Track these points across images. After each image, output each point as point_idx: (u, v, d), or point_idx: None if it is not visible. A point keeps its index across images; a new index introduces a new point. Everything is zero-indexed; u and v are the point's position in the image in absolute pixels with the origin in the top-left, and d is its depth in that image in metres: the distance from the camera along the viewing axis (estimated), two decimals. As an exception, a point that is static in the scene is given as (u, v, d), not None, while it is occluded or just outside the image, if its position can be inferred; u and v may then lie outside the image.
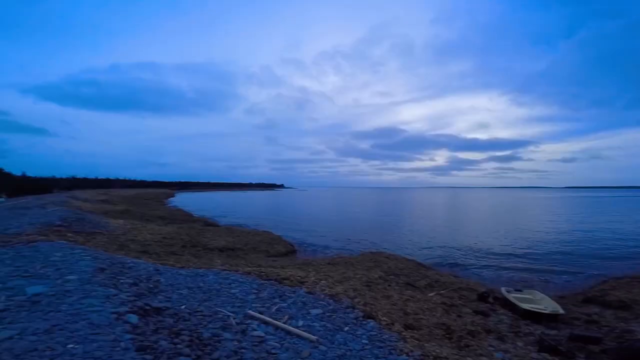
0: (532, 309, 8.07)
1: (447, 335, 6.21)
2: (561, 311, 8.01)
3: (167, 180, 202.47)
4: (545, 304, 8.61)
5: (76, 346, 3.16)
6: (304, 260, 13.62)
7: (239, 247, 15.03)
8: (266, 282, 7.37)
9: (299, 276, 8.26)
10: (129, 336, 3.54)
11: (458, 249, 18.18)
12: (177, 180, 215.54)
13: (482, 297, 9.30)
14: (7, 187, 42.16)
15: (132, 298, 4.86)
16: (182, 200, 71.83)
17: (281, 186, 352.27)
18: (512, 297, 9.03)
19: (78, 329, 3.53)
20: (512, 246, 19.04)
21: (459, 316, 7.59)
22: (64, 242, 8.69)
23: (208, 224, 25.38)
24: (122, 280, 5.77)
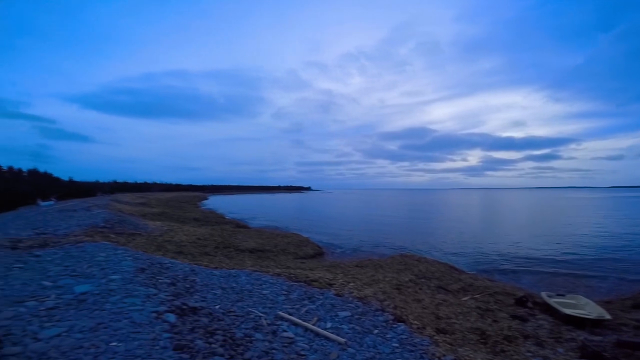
0: (575, 314, 7.62)
1: (482, 340, 6.02)
2: (607, 316, 7.50)
3: (200, 184, 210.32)
4: (589, 309, 8.11)
5: (118, 344, 3.37)
6: (332, 262, 13.64)
7: (268, 248, 15.31)
8: (295, 283, 7.48)
9: (327, 278, 8.31)
10: (167, 335, 3.73)
11: (494, 253, 17.42)
12: (210, 183, 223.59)
13: (520, 302, 8.90)
14: (56, 191, 45.46)
15: (170, 297, 5.10)
16: (214, 202, 74.02)
17: (308, 188, 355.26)
18: (554, 301, 8.57)
19: (120, 327, 3.76)
20: (553, 250, 17.99)
21: (495, 321, 7.32)
22: (108, 242, 9.25)
23: (239, 225, 26.04)
24: (160, 280, 6.07)
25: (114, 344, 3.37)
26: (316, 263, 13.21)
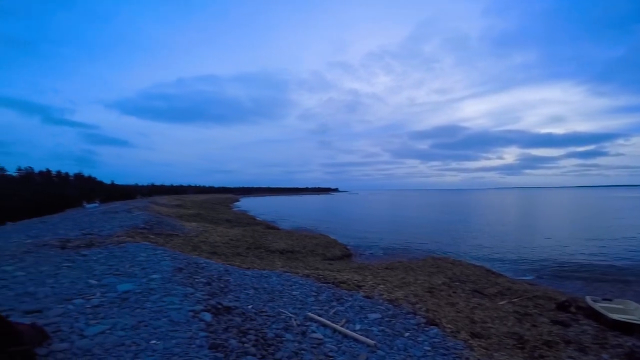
0: (623, 320, 7.12)
1: (519, 345, 5.78)
2: None
3: (231, 186, 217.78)
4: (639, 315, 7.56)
5: (157, 342, 3.54)
6: (360, 264, 13.57)
7: (297, 249, 15.49)
8: (324, 285, 7.54)
9: (355, 280, 8.29)
10: (203, 334, 3.88)
11: (534, 256, 16.54)
12: (241, 186, 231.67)
13: (563, 306, 8.44)
14: (100, 194, 48.47)
15: (206, 297, 5.31)
16: (246, 204, 75.83)
17: (335, 190, 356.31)
18: (599, 306, 8.05)
19: (160, 325, 3.95)
20: (600, 253, 16.82)
21: (534, 326, 7.00)
22: (148, 243, 9.76)
23: (269, 227, 26.53)
24: (197, 280, 6.33)
25: (153, 342, 3.53)
26: (344, 265, 13.20)
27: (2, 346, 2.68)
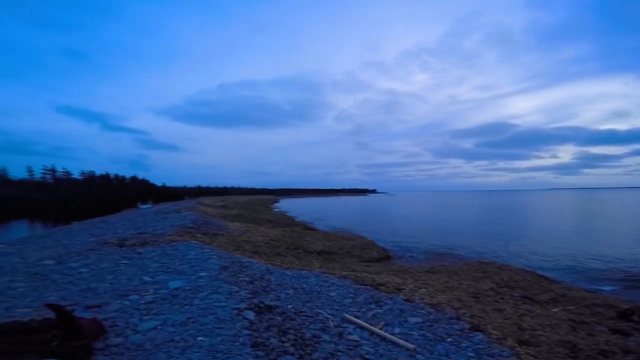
0: None
1: (572, 354, 5.39)
2: None
3: (272, 188, 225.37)
4: None
5: (204, 339, 3.73)
6: (400, 267, 13.25)
7: (334, 251, 15.50)
8: (362, 287, 7.50)
9: (395, 283, 8.17)
10: (246, 332, 4.03)
11: (594, 261, 15.20)
12: (280, 187, 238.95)
13: (625, 315, 7.76)
14: (152, 195, 52.00)
15: (249, 295, 5.52)
16: (285, 205, 77.13)
17: (373, 191, 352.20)
18: None
19: (207, 322, 4.18)
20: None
21: (590, 334, 6.49)
22: (196, 242, 10.32)
23: (307, 228, 26.82)
24: (241, 278, 6.60)
25: (200, 338, 3.71)
26: (382, 267, 12.99)
27: (65, 340, 2.98)
